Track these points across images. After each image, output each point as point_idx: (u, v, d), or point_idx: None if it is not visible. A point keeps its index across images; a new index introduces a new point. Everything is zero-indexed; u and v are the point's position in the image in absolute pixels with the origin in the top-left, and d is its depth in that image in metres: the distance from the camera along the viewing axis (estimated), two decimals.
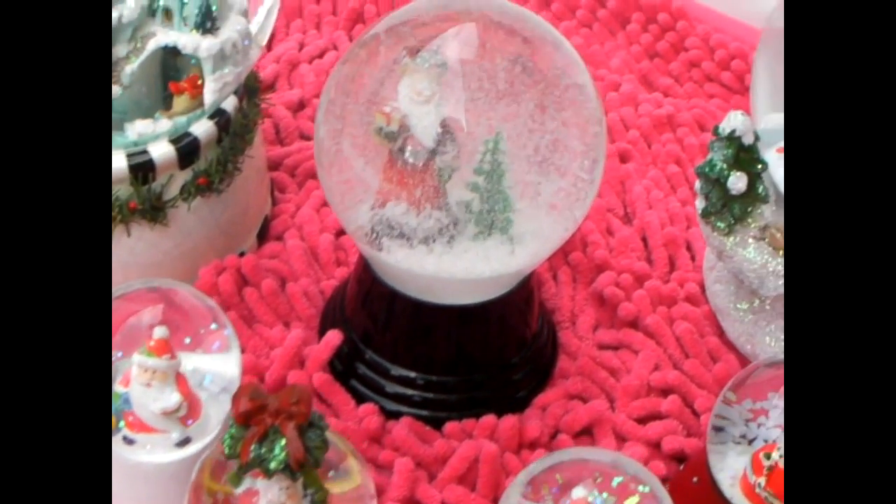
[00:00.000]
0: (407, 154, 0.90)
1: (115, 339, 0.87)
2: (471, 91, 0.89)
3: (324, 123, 0.93)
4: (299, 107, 1.29)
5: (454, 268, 0.92)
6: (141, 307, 0.88)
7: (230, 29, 0.99)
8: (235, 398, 0.76)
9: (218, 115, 1.02)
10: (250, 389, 0.75)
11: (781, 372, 0.89)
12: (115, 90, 0.99)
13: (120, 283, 0.88)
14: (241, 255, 1.09)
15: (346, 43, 1.36)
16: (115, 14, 0.96)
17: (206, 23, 0.97)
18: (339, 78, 0.93)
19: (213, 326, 0.88)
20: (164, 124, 1.00)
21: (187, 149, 1.00)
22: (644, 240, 1.18)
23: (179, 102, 1.01)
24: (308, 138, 1.25)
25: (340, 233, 1.13)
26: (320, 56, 1.36)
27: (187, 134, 1.00)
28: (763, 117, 1.07)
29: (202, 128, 1.01)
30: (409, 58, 0.89)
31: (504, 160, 0.90)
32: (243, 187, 1.07)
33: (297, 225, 1.15)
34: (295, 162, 1.21)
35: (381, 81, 0.91)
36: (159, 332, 0.84)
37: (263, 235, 1.14)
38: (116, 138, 0.97)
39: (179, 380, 0.86)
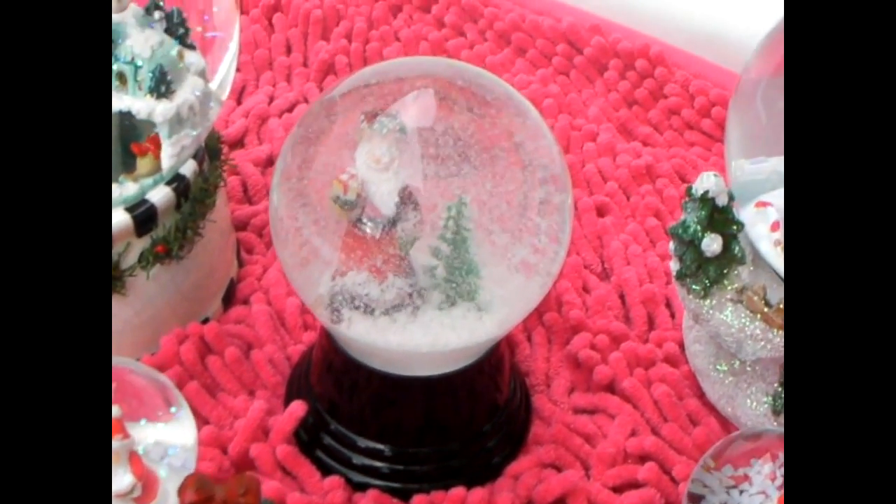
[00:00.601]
0: (366, 223, 0.87)
1: None
2: (431, 156, 0.86)
3: (278, 190, 0.90)
4: (268, 163, 1.26)
5: (420, 340, 0.89)
6: None
7: (187, 91, 0.96)
8: (181, 489, 0.73)
9: (176, 180, 0.99)
10: (196, 480, 0.73)
11: (762, 442, 0.86)
12: None
13: None
14: (205, 321, 1.06)
15: (317, 95, 1.34)
16: None
17: (161, 87, 0.94)
18: (294, 142, 0.90)
19: (172, 409, 0.85)
20: (129, 188, 0.98)
21: (144, 216, 0.98)
22: (622, 297, 1.14)
23: (143, 164, 0.98)
24: None
25: None
26: (290, 110, 1.33)
27: (144, 201, 0.97)
28: (737, 167, 1.03)
29: (159, 194, 0.98)
30: (366, 123, 0.86)
31: (468, 225, 0.88)
32: (206, 252, 1.04)
33: (263, 288, 1.12)
34: (262, 222, 1.18)
35: (338, 147, 0.88)
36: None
37: (229, 299, 1.11)
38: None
39: (133, 459, 0.83)
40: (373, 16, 1.43)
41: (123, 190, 0.97)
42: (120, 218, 0.96)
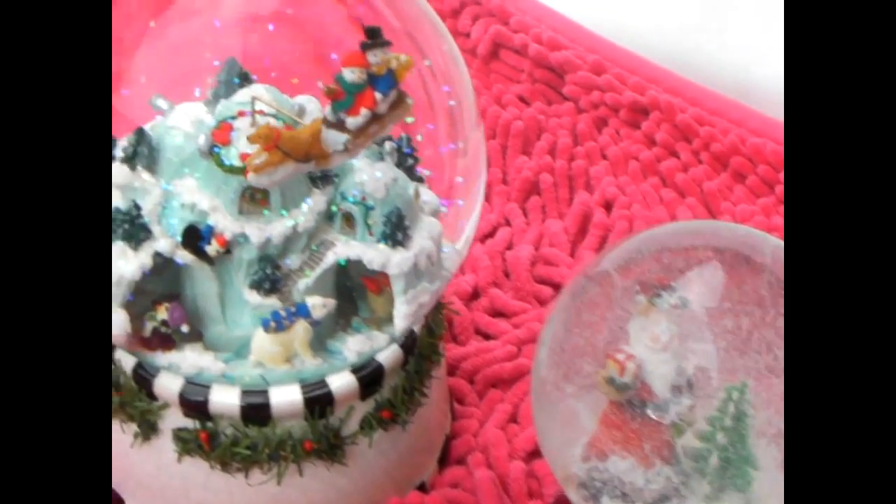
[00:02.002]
0: (638, 406, 0.77)
1: None
2: (714, 336, 0.77)
3: (546, 363, 0.80)
4: (473, 296, 1.15)
5: None
6: None
7: (423, 236, 0.86)
8: None
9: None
10: None
11: None
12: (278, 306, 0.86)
13: None
14: (422, 486, 0.95)
15: (519, 217, 1.24)
16: (289, 223, 0.84)
17: (397, 234, 0.84)
18: (563, 309, 0.80)
19: None
20: (378, 337, 0.88)
21: (370, 378, 0.88)
22: None
23: (380, 303, 0.88)
24: (486, 335, 1.12)
25: (531, 456, 0.99)
26: (492, 234, 1.23)
27: (371, 361, 0.87)
28: None
29: (386, 353, 0.88)
30: (643, 296, 0.77)
31: (749, 411, 0.78)
32: (426, 410, 0.94)
33: (480, 446, 1.01)
34: (474, 367, 1.08)
35: (610, 321, 0.79)
36: None
37: (444, 458, 1.00)
38: (333, 361, 0.87)
39: None
40: (577, 129, 1.33)
41: (374, 341, 0.88)
42: (345, 381, 0.87)
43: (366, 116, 0.80)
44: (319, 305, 0.83)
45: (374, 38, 0.79)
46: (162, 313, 0.84)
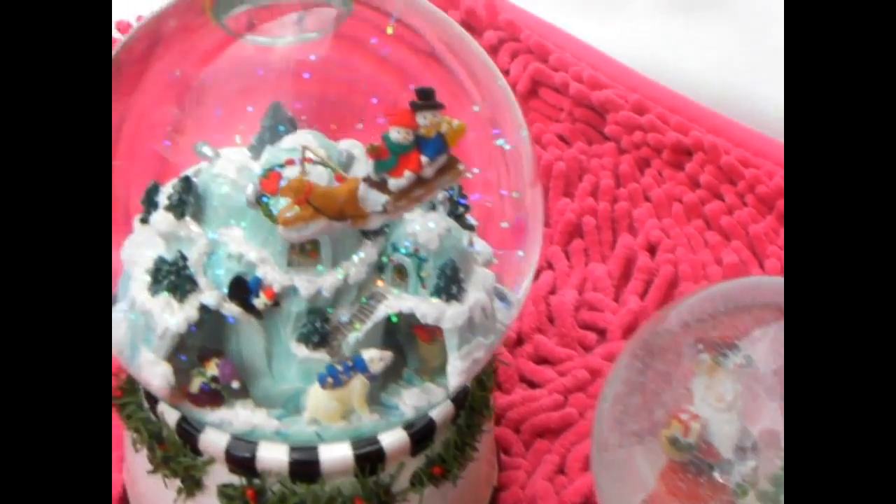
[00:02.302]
0: (702, 466, 0.75)
1: None
2: (779, 396, 0.75)
3: (607, 419, 0.78)
4: (517, 342, 1.13)
5: None
6: None
7: (477, 289, 0.83)
8: None
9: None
10: None
11: None
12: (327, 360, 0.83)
13: None
14: None
15: (562, 260, 1.21)
16: (339, 274, 0.82)
17: (452, 287, 0.82)
18: (625, 363, 0.78)
19: None
20: (434, 391, 0.85)
21: (422, 434, 0.85)
22: None
23: (431, 353, 0.85)
24: (531, 383, 1.10)
25: None
26: (535, 278, 1.20)
27: (422, 416, 0.85)
28: None
29: (438, 407, 0.85)
30: (708, 356, 0.74)
31: None
32: (476, 465, 0.91)
33: (528, 498, 0.99)
34: (520, 416, 1.06)
35: (676, 383, 0.76)
36: None
37: None
38: (390, 417, 0.84)
39: None
40: (619, 170, 1.31)
41: (431, 395, 0.85)
42: (396, 437, 0.84)
43: (409, 179, 0.78)
44: (377, 359, 0.81)
45: (425, 98, 0.77)
46: (212, 369, 0.81)
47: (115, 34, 1.41)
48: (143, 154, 0.85)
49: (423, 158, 0.77)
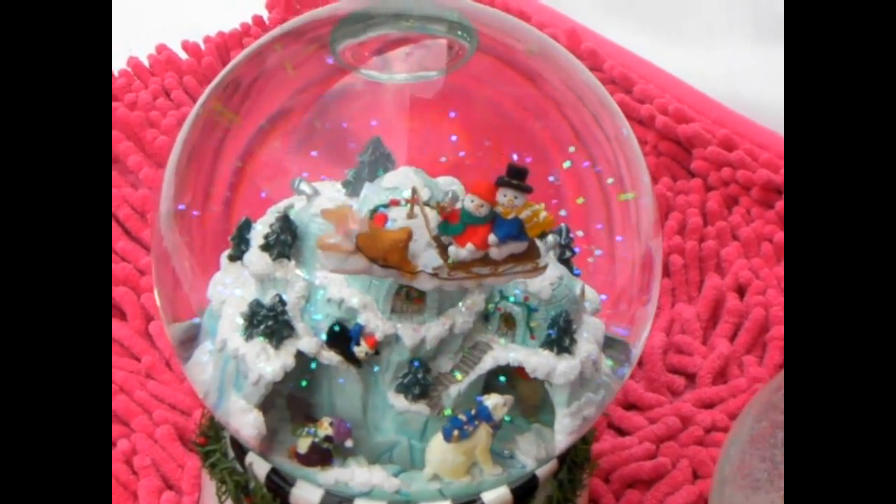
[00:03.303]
0: None
1: None
2: None
3: (729, 480, 0.73)
4: None
5: None
6: None
7: (588, 340, 0.78)
8: None
9: None
10: None
11: None
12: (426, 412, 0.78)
13: None
14: None
15: None
16: (445, 324, 0.76)
17: (564, 339, 0.76)
18: (747, 438, 0.73)
19: None
20: (547, 435, 0.80)
21: (524, 490, 0.80)
22: None
23: (529, 390, 0.80)
24: (620, 430, 1.05)
25: None
26: None
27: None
28: None
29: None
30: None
31: None
32: None
33: None
34: (610, 465, 1.01)
35: None
36: None
37: None
38: (511, 469, 0.79)
39: None
40: (706, 207, 1.25)
41: (530, 448, 0.80)
42: (499, 494, 0.79)
43: (470, 252, 0.72)
44: (500, 405, 0.75)
45: (513, 176, 0.71)
46: (325, 429, 0.76)
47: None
48: (241, 189, 0.80)
49: (492, 237, 0.72)
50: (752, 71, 1.35)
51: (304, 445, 0.77)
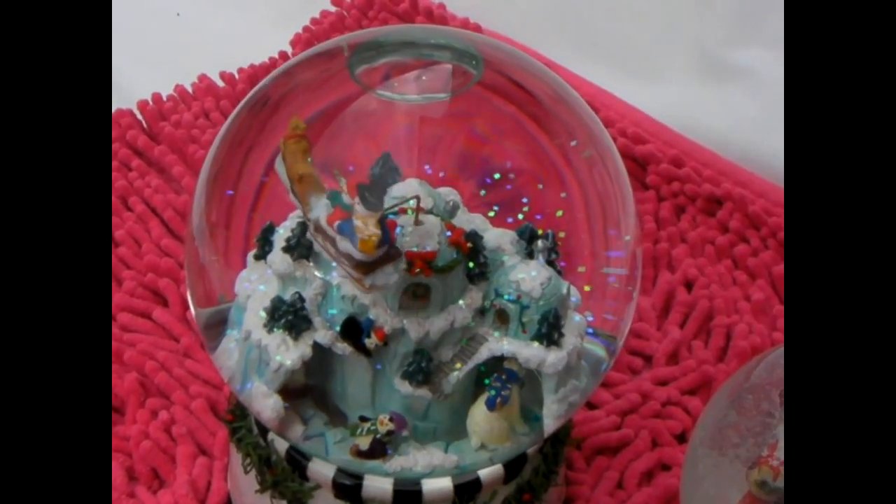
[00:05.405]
0: None
1: None
2: None
3: (700, 452, 0.63)
4: None
5: None
6: None
7: (573, 334, 0.68)
8: None
9: None
10: None
11: None
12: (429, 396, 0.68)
13: None
14: None
15: None
16: (447, 319, 0.66)
17: (553, 334, 0.67)
18: (720, 416, 0.63)
19: None
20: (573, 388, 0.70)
21: (515, 463, 0.70)
22: None
23: None
24: (590, 405, 0.95)
25: None
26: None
27: None
28: None
29: None
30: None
31: None
32: (556, 487, 0.76)
33: None
34: (581, 435, 0.91)
35: (765, 430, 0.61)
36: None
37: None
38: (535, 432, 0.70)
39: None
40: (659, 215, 1.15)
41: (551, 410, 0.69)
42: (492, 469, 0.68)
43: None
44: (521, 363, 0.66)
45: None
46: (386, 425, 0.66)
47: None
48: (267, 195, 0.70)
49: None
50: (697, 102, 1.25)
51: (366, 442, 0.67)
